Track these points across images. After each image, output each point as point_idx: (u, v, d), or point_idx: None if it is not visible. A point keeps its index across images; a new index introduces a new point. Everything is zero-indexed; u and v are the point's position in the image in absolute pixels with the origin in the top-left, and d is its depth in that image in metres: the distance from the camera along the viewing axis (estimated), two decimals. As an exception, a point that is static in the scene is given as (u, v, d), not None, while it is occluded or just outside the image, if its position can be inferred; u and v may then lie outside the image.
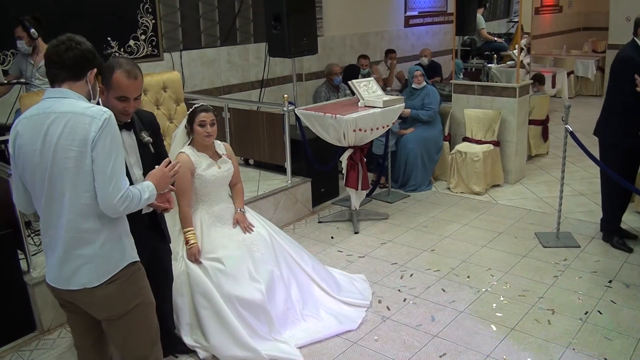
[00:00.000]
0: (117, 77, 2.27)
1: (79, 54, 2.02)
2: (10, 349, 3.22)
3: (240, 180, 3.47)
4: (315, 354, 3.08)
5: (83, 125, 1.92)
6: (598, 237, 4.38)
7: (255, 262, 3.17)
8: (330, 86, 6.13)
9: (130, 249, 2.16)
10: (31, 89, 4.20)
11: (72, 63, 2.01)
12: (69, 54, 2.00)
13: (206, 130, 3.15)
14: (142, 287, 2.21)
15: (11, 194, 3.22)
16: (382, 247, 4.40)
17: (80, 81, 2.04)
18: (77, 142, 1.92)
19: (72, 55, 2.01)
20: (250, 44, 6.61)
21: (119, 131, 2.03)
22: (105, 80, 2.28)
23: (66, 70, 2.01)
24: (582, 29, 12.75)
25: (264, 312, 3.07)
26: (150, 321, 2.26)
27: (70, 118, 1.94)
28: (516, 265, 3.99)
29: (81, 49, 2.03)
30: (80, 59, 2.02)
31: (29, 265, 3.37)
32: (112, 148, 1.97)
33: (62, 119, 1.94)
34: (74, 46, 2.01)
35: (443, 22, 9.45)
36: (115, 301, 2.10)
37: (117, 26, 5.29)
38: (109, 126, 1.96)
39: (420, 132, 5.64)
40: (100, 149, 1.94)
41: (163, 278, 2.91)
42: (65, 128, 1.93)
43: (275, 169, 5.31)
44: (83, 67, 2.04)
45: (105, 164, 1.95)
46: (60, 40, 2.03)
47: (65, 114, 1.95)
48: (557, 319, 3.32)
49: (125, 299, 2.12)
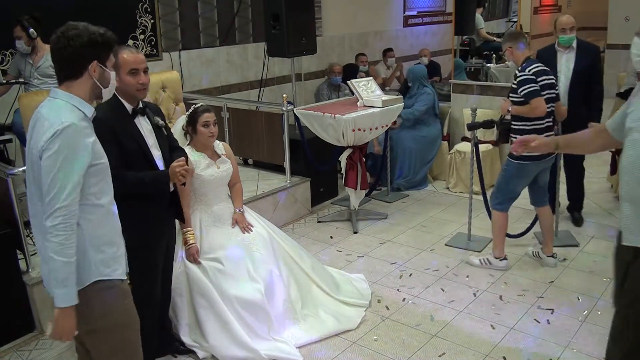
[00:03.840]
0: (122, 55, 2.49)
1: (71, 52, 1.89)
2: (9, 349, 3.22)
3: (239, 180, 3.47)
4: (315, 353, 3.08)
5: (42, 131, 1.84)
6: (597, 237, 4.38)
7: (255, 262, 3.17)
8: (331, 85, 6.14)
9: (101, 265, 1.95)
10: (30, 88, 4.19)
11: (65, 63, 1.91)
12: (62, 54, 1.90)
13: (210, 130, 3.16)
14: (114, 307, 2.02)
15: (10, 194, 3.25)
16: (381, 247, 4.40)
17: (79, 79, 1.93)
18: (35, 148, 1.86)
19: (65, 55, 1.90)
20: (249, 43, 6.61)
21: (82, 143, 1.85)
22: (115, 64, 2.30)
23: (62, 70, 1.93)
24: (581, 28, 12.75)
25: (263, 312, 3.07)
26: (127, 344, 2.09)
27: (40, 122, 1.88)
28: (515, 265, 3.99)
29: (74, 45, 1.88)
30: (72, 57, 1.90)
31: (28, 265, 3.37)
32: (59, 160, 1.80)
33: (37, 122, 1.90)
34: (65, 44, 1.88)
35: (442, 22, 9.44)
36: (80, 315, 1.92)
37: (116, 26, 5.16)
38: (62, 137, 1.80)
39: (416, 131, 5.63)
40: (45, 158, 1.81)
41: (167, 267, 2.93)
42: (33, 132, 1.90)
43: (275, 169, 5.31)
44: (78, 64, 1.91)
45: (46, 174, 1.81)
46: (55, 37, 1.91)
47: (39, 118, 1.89)
48: (556, 318, 3.32)
49: (90, 316, 1.96)
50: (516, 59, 3.80)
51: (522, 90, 3.64)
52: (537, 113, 3.63)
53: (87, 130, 1.91)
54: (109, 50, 1.99)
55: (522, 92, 3.64)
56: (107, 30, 2.00)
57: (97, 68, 1.95)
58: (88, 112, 1.95)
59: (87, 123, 1.94)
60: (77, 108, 1.91)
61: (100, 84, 2.00)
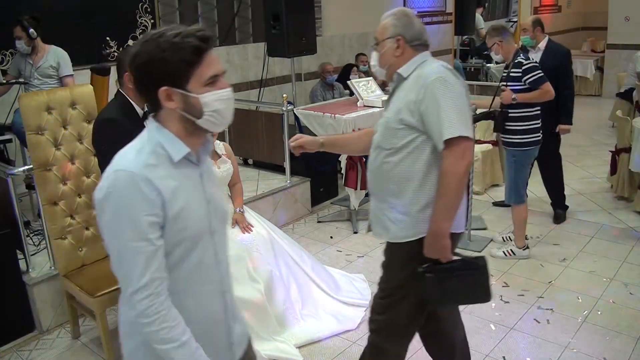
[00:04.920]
0: None
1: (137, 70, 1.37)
2: (9, 349, 3.22)
3: (240, 180, 3.47)
4: (315, 353, 3.08)
5: None
6: (597, 237, 4.38)
7: (255, 262, 3.17)
8: (324, 85, 6.14)
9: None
10: (30, 88, 4.19)
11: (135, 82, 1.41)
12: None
13: None
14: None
15: (10, 194, 3.25)
16: (381, 247, 4.34)
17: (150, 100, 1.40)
18: None
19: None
20: (249, 43, 6.61)
21: (130, 200, 1.30)
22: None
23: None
24: (581, 28, 12.76)
25: (263, 312, 3.07)
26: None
27: None
28: (515, 265, 3.99)
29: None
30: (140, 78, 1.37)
31: (28, 265, 3.37)
32: (115, 224, 1.31)
33: None
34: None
35: (442, 22, 9.43)
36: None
37: (116, 26, 5.28)
38: (114, 195, 1.31)
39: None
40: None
41: None
42: None
43: (275, 169, 5.31)
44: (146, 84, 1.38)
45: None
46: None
47: None
48: (557, 318, 3.32)
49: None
50: (506, 52, 3.88)
51: (528, 78, 3.72)
52: (548, 97, 3.75)
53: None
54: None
55: (530, 79, 3.71)
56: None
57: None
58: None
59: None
60: None
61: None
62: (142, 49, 1.33)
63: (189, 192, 1.40)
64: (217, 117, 1.39)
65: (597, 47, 11.05)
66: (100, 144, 2.58)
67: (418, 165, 2.05)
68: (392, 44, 2.13)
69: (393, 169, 2.10)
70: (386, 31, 2.16)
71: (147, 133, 1.41)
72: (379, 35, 2.19)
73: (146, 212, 1.30)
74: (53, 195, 3.06)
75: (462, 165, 1.97)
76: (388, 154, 2.10)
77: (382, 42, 2.17)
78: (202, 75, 1.34)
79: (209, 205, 1.47)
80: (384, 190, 2.16)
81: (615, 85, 8.69)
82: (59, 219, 3.08)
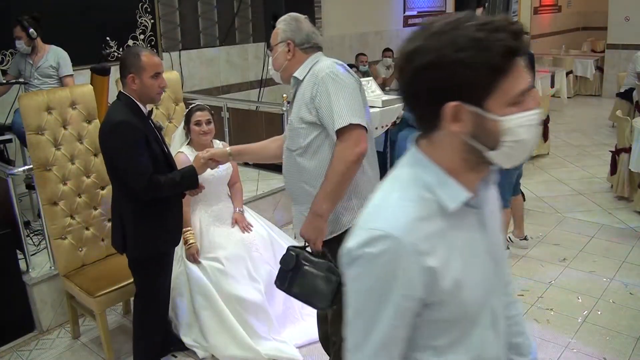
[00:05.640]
0: (145, 57, 2.40)
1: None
2: (9, 349, 3.22)
3: (239, 180, 3.47)
4: (315, 353, 3.07)
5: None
6: (597, 237, 4.38)
7: (254, 262, 3.17)
8: None
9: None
10: (30, 88, 4.19)
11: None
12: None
13: (202, 129, 3.16)
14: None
15: (10, 194, 3.25)
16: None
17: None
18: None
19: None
20: (249, 43, 6.61)
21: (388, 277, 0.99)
22: (135, 66, 2.38)
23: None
24: (581, 28, 12.77)
25: (263, 312, 3.07)
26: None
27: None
28: (515, 265, 3.99)
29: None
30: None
31: (27, 265, 3.37)
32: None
33: None
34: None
35: (442, 22, 9.44)
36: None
37: (116, 26, 5.28)
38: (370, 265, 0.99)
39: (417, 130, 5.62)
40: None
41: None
42: None
43: (275, 169, 5.31)
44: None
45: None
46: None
47: None
48: (556, 318, 3.32)
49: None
50: None
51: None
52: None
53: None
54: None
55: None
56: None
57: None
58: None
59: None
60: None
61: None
62: (426, 45, 0.93)
63: (465, 254, 1.01)
64: (518, 150, 0.97)
65: (597, 47, 11.07)
66: (115, 148, 2.42)
67: (325, 162, 2.12)
68: (283, 48, 2.23)
69: (303, 170, 2.17)
70: (277, 37, 2.26)
71: (408, 169, 1.04)
72: (272, 40, 2.28)
73: (404, 293, 0.95)
74: (53, 195, 3.06)
75: (352, 153, 2.02)
76: (296, 154, 2.18)
77: (275, 47, 2.26)
78: (510, 90, 0.92)
79: (496, 267, 1.08)
80: (299, 191, 2.23)
81: (615, 85, 8.70)
82: (59, 219, 3.08)
